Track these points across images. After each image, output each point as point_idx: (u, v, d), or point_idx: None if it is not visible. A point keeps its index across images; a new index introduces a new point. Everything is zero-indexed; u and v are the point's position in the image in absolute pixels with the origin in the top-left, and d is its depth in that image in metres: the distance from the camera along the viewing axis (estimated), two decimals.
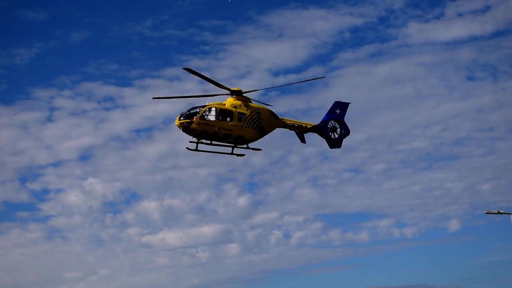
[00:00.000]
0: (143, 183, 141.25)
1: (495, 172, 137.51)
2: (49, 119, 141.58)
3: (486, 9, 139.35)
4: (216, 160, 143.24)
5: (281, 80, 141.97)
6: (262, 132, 54.77)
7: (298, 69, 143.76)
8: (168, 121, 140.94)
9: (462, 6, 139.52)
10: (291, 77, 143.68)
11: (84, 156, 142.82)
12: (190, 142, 53.93)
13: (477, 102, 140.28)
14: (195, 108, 53.00)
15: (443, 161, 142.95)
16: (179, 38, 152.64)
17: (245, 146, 54.87)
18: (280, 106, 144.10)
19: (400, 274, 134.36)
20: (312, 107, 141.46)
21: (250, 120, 53.90)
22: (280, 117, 56.29)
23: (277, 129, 56.80)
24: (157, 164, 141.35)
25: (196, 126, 52.09)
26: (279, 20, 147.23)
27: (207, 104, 53.24)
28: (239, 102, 53.99)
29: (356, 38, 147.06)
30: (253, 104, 54.80)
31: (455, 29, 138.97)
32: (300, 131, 57.41)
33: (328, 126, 57.99)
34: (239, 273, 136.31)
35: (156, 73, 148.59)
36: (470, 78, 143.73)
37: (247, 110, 53.99)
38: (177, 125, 52.75)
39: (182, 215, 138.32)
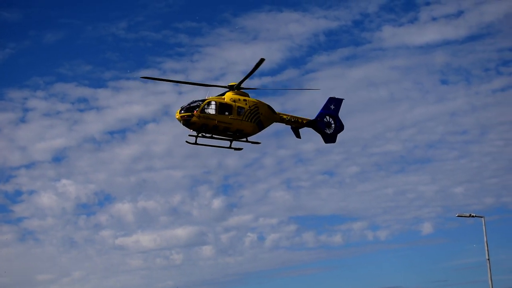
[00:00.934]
0: (117, 185, 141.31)
1: (468, 175, 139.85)
2: (22, 120, 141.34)
3: (460, 13, 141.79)
4: (190, 162, 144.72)
5: (256, 83, 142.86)
6: (260, 126, 55.84)
7: (273, 72, 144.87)
8: (142, 123, 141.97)
9: (435, 11, 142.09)
10: (266, 80, 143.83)
11: (58, 158, 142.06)
12: (189, 135, 54.65)
13: (451, 106, 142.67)
14: (195, 102, 53.81)
15: (417, 164, 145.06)
16: (154, 40, 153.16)
17: (245, 139, 55.78)
18: None
19: (374, 276, 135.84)
20: (286, 110, 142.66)
21: (249, 114, 54.92)
22: (277, 111, 57.38)
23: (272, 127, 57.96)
24: (131, 166, 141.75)
25: (197, 120, 52.87)
26: (254, 23, 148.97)
27: (206, 98, 54.10)
28: (237, 97, 54.99)
29: (330, 41, 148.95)
30: (251, 98, 55.82)
31: (428, 33, 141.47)
32: (296, 125, 58.63)
33: (324, 121, 59.29)
34: (213, 275, 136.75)
35: (130, 74, 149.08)
36: (444, 82, 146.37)
37: (246, 104, 55.00)
38: (177, 118, 53.45)
39: (156, 217, 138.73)
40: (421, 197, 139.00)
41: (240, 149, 56.44)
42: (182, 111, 53.21)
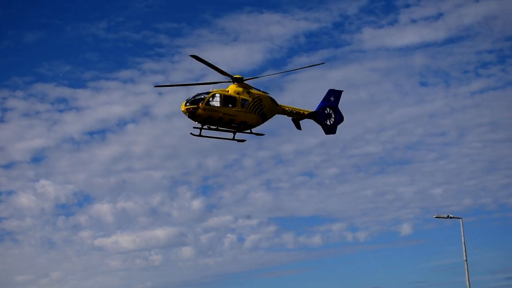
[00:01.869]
0: (96, 185, 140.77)
1: (446, 177, 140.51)
2: (1, 120, 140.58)
3: (439, 16, 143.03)
4: (170, 162, 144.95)
5: None
6: (263, 117, 56.75)
7: (253, 73, 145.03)
8: (121, 123, 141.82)
9: (415, 13, 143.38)
10: (247, 81, 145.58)
11: (37, 158, 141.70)
12: (194, 128, 55.38)
13: (430, 108, 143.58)
14: (200, 94, 54.55)
15: (396, 166, 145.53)
16: (134, 40, 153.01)
17: (249, 131, 56.64)
18: None
19: (353, 277, 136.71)
20: None
21: (253, 106, 55.80)
22: (279, 103, 58.34)
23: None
24: (110, 166, 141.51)
25: (202, 112, 53.58)
26: (234, 24, 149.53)
27: (211, 90, 54.77)
28: (241, 89, 55.82)
29: (311, 43, 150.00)
30: (254, 91, 56.71)
31: (408, 35, 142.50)
32: (298, 117, 59.55)
33: (325, 112, 60.39)
34: (193, 276, 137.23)
35: (110, 75, 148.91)
36: (423, 84, 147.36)
37: (249, 96, 55.88)
38: (183, 111, 54.08)
39: (135, 218, 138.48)
40: (400, 198, 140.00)
41: (243, 141, 57.34)
42: (188, 104, 53.86)
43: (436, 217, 60.90)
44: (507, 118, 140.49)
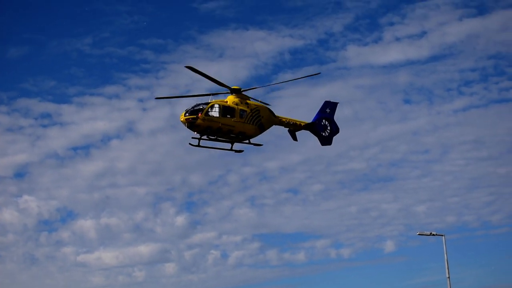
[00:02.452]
0: (80, 201, 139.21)
1: (429, 194, 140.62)
2: None
3: (423, 34, 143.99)
4: (154, 178, 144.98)
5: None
6: (261, 128, 57.45)
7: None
8: (106, 139, 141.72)
9: (399, 31, 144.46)
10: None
11: (20, 173, 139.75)
12: (192, 138, 55.92)
13: (413, 125, 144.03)
14: (199, 105, 55.07)
15: (380, 183, 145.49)
16: (119, 56, 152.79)
17: (247, 141, 57.30)
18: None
19: None
20: None
21: (251, 117, 56.51)
22: (276, 115, 59.10)
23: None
24: (94, 182, 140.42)
25: (202, 122, 54.10)
26: (220, 40, 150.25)
27: (210, 101, 55.43)
28: (239, 100, 56.51)
29: (295, 59, 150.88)
30: (252, 101, 57.44)
31: (392, 53, 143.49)
32: (295, 128, 60.37)
33: (321, 124, 61.26)
34: None
35: (95, 90, 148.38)
36: (407, 101, 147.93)
37: (248, 107, 56.58)
38: (182, 121, 54.58)
39: (119, 234, 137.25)
40: (384, 215, 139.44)
41: (241, 151, 57.98)
42: (187, 114, 54.36)
43: (419, 234, 61.33)
44: (490, 136, 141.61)
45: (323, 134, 61.45)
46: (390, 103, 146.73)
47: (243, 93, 57.32)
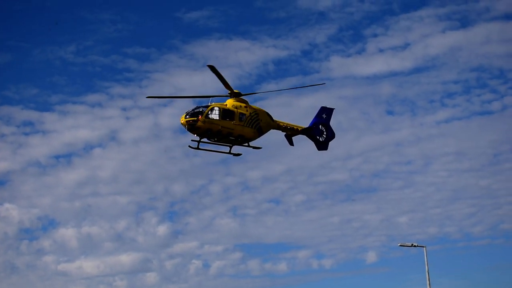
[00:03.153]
0: (61, 210, 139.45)
1: (411, 205, 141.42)
2: None
3: (406, 46, 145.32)
4: (136, 187, 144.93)
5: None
6: (260, 132, 58.24)
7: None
8: (88, 147, 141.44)
9: (382, 42, 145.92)
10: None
11: (1, 181, 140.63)
12: (192, 140, 56.56)
13: (396, 136, 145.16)
14: (199, 107, 55.73)
15: (362, 193, 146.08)
16: (102, 65, 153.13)
17: (246, 144, 58.03)
18: None
19: None
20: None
21: (250, 120, 57.27)
22: (274, 119, 59.93)
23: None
24: (76, 190, 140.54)
25: (202, 124, 54.73)
26: (203, 50, 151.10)
27: (210, 104, 56.09)
28: (239, 103, 57.30)
29: (279, 70, 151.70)
30: (251, 105, 58.23)
31: (375, 64, 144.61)
32: (292, 133, 61.17)
33: (318, 129, 62.16)
34: None
35: (77, 98, 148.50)
36: (390, 113, 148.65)
37: (247, 111, 57.37)
38: (182, 123, 55.11)
39: (100, 243, 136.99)
40: (366, 226, 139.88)
41: (239, 154, 58.56)
42: (187, 116, 54.91)
43: (400, 245, 62.21)
44: (472, 147, 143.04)
45: (320, 139, 62.28)
46: (373, 114, 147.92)
47: (242, 97, 57.95)
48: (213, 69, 53.96)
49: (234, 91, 57.59)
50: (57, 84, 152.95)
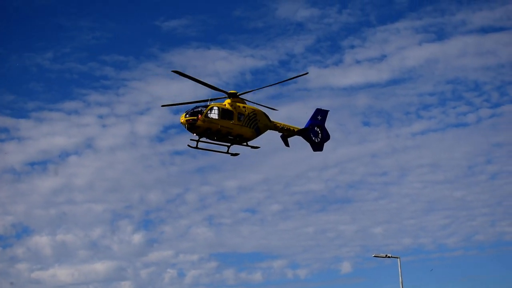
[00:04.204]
0: (36, 217, 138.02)
1: (386, 216, 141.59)
2: None
3: (383, 57, 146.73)
4: (112, 195, 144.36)
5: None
6: (258, 131, 58.99)
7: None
8: (64, 155, 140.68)
9: (359, 54, 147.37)
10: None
11: None
12: (191, 140, 57.06)
13: (372, 147, 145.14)
14: (198, 107, 56.28)
15: (337, 204, 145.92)
16: (80, 72, 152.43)
17: (245, 144, 58.68)
18: (180, 145, 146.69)
19: None
20: (210, 147, 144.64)
21: (248, 120, 57.97)
22: (271, 120, 60.69)
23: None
24: (51, 198, 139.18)
25: (201, 123, 55.28)
26: (181, 59, 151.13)
27: (209, 104, 56.66)
28: (237, 104, 57.92)
29: (257, 79, 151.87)
30: (249, 106, 58.89)
31: (352, 76, 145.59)
32: (288, 133, 62.03)
33: (314, 130, 63.06)
34: None
35: (54, 105, 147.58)
36: (366, 124, 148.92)
37: (245, 111, 58.06)
38: (182, 122, 55.58)
39: (74, 251, 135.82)
40: (341, 236, 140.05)
41: (236, 154, 59.16)
42: (187, 116, 55.44)
43: (374, 256, 62.73)
44: (447, 159, 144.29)
45: (315, 140, 63.18)
46: (350, 125, 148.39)
47: (240, 97, 58.61)
48: (180, 73, 54.11)
49: (230, 91, 58.05)
50: (34, 91, 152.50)
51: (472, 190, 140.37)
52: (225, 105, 57.43)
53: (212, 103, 56.81)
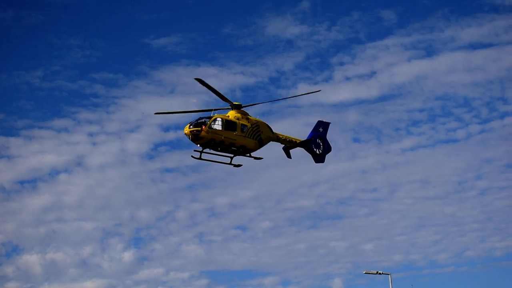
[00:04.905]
0: (26, 235, 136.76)
1: (377, 232, 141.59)
2: None
3: (372, 74, 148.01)
4: (102, 213, 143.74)
5: (172, 135, 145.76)
6: (260, 143, 59.31)
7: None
8: (54, 173, 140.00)
9: (349, 71, 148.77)
10: (182, 133, 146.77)
11: None
12: (195, 151, 57.43)
13: (362, 164, 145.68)
14: (202, 118, 56.70)
15: (328, 220, 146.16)
16: (70, 90, 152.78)
17: (248, 155, 58.96)
18: (170, 162, 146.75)
19: None
20: (202, 163, 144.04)
21: (251, 132, 58.29)
22: (274, 131, 60.97)
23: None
24: (40, 216, 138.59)
25: (205, 134, 55.64)
26: (171, 76, 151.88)
27: (212, 115, 56.96)
28: (240, 115, 58.29)
29: (247, 96, 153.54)
30: (252, 117, 59.21)
31: (342, 92, 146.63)
32: (290, 145, 62.35)
33: (316, 141, 63.37)
34: None
35: (43, 123, 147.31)
36: (356, 140, 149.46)
37: (248, 122, 58.38)
38: (186, 133, 55.95)
39: (64, 269, 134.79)
40: (332, 253, 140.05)
41: (239, 165, 59.36)
42: (191, 126, 55.84)
43: (365, 273, 62.91)
44: (437, 175, 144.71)
45: (317, 151, 63.51)
46: (340, 141, 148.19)
47: (243, 109, 58.92)
48: (201, 81, 54.76)
49: (235, 103, 58.39)
50: (24, 109, 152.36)
51: (463, 206, 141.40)
52: (228, 116, 57.72)
53: (215, 115, 57.12)
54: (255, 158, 59.68)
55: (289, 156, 62.96)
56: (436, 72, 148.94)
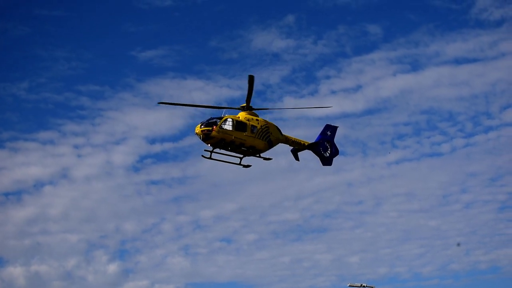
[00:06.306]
0: (10, 247, 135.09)
1: (362, 245, 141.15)
2: None
3: (358, 88, 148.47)
4: (87, 225, 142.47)
5: (158, 148, 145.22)
6: (270, 144, 59.59)
7: (174, 138, 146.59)
8: (39, 185, 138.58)
9: (335, 84, 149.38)
10: (168, 145, 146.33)
11: None
12: (205, 150, 57.77)
13: (347, 177, 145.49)
14: (213, 119, 57.02)
15: (313, 233, 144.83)
16: (55, 102, 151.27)
17: (258, 155, 59.15)
18: (156, 174, 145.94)
19: None
20: (187, 176, 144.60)
21: (261, 133, 58.44)
22: (283, 133, 61.08)
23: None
24: (25, 228, 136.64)
25: (216, 134, 55.90)
26: (157, 89, 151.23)
27: (223, 116, 56.96)
28: (250, 116, 58.54)
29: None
30: (261, 119, 59.33)
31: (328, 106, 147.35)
32: (299, 147, 62.59)
33: (324, 144, 63.46)
34: None
35: (29, 135, 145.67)
36: (341, 153, 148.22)
37: (258, 123, 58.49)
38: (197, 133, 56.20)
39: (49, 282, 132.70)
40: (316, 265, 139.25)
41: (248, 166, 59.66)
42: (202, 126, 56.24)
43: (349, 285, 62.98)
44: (422, 189, 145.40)
45: (325, 154, 63.64)
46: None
47: (253, 110, 59.00)
48: (251, 79, 56.57)
49: (243, 105, 58.93)
50: (9, 121, 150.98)
51: (447, 219, 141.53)
52: (239, 117, 57.81)
53: (226, 115, 57.24)
54: (265, 158, 59.83)
55: (297, 158, 63.33)
56: (422, 86, 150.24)
